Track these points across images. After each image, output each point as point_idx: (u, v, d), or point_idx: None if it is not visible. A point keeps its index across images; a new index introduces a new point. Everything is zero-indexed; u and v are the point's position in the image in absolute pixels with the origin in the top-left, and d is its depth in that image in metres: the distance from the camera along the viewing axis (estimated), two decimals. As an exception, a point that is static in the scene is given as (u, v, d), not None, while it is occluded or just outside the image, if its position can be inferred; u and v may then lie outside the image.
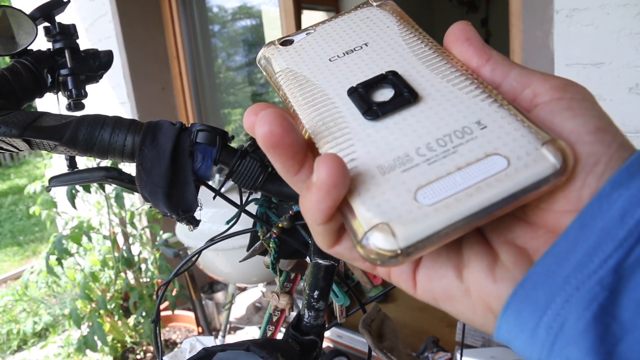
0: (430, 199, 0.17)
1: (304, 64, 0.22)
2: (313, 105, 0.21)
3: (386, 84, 0.20)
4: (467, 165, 0.17)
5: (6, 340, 2.33)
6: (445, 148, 0.18)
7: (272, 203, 0.51)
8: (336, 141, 0.19)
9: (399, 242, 0.16)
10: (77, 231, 1.82)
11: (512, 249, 0.18)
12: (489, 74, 0.20)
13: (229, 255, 1.49)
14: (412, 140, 0.18)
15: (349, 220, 0.18)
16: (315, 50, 0.23)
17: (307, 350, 0.43)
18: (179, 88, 2.33)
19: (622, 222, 0.16)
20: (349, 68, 0.21)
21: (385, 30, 0.23)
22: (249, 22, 3.07)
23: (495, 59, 0.20)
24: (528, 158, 0.17)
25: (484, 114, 0.18)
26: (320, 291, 0.45)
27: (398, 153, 0.18)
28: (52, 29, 0.50)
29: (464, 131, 0.18)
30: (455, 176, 0.17)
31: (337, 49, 0.23)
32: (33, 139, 0.41)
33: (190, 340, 1.01)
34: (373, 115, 0.19)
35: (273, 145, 0.18)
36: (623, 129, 0.94)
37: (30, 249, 4.08)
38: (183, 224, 0.44)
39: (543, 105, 0.19)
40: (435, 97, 0.19)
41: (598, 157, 0.17)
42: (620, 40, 1.06)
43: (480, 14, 5.12)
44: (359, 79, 0.21)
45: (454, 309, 0.19)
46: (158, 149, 0.41)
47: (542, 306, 0.16)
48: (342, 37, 0.23)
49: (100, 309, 1.85)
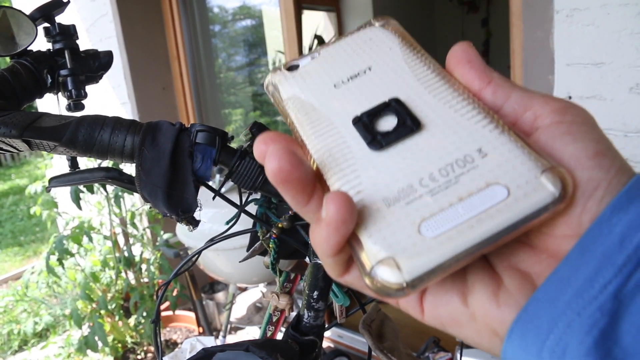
0: (434, 231, 0.17)
1: (309, 91, 0.23)
2: (320, 135, 0.21)
3: (389, 112, 0.20)
4: (469, 196, 0.18)
5: (7, 341, 2.34)
6: (448, 178, 0.18)
7: (271, 203, 0.51)
8: (343, 173, 0.20)
9: (404, 275, 0.17)
10: (78, 231, 1.82)
11: (516, 273, 0.19)
12: (490, 97, 0.21)
13: (230, 255, 1.49)
14: (415, 171, 0.19)
15: (357, 253, 0.18)
16: (320, 76, 0.23)
17: (307, 351, 0.43)
18: (179, 88, 2.33)
19: (622, 247, 0.16)
20: (354, 95, 0.22)
21: (388, 53, 0.23)
22: (250, 22, 3.07)
23: (497, 82, 0.21)
24: (528, 187, 0.17)
25: (485, 141, 0.19)
26: (319, 291, 0.45)
27: (402, 184, 0.19)
28: (52, 30, 0.50)
29: (466, 160, 0.19)
30: (457, 207, 0.18)
31: (341, 74, 0.23)
32: (32, 140, 0.41)
33: (190, 341, 1.01)
34: (377, 145, 0.20)
35: (282, 180, 0.18)
36: (624, 129, 0.93)
37: (31, 249, 4.08)
38: (183, 224, 0.44)
39: (544, 129, 0.19)
40: (437, 125, 0.20)
41: (598, 181, 0.17)
42: (621, 40, 1.06)
43: (480, 14, 5.11)
44: (363, 107, 0.21)
45: (460, 334, 0.19)
46: (158, 149, 0.41)
47: (545, 331, 0.16)
48: (346, 61, 0.23)
49: (101, 309, 1.85)
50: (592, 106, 1.13)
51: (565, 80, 1.16)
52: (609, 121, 1.11)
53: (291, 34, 1.88)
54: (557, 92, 1.18)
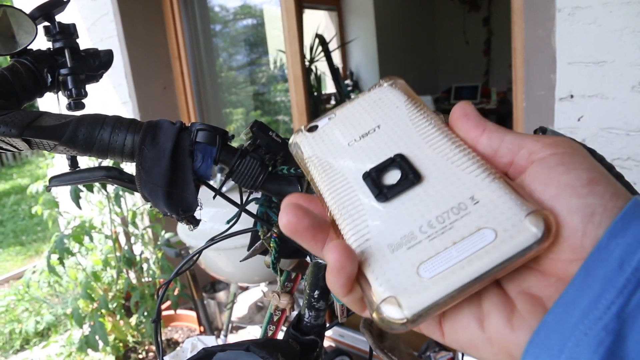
0: (430, 272, 0.20)
1: (327, 150, 0.26)
2: (334, 190, 0.24)
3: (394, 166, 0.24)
4: (462, 239, 0.20)
5: (9, 340, 2.34)
6: (444, 224, 0.21)
7: (272, 202, 0.51)
8: (354, 223, 0.23)
9: (404, 312, 0.19)
10: (79, 231, 1.82)
11: (527, 298, 0.20)
12: (486, 142, 0.23)
13: (231, 254, 1.49)
14: (416, 219, 0.22)
15: (366, 292, 0.21)
16: (335, 136, 0.27)
17: (308, 350, 0.43)
18: (180, 88, 2.33)
19: (621, 270, 0.17)
20: (364, 152, 0.25)
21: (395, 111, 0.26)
22: (250, 22, 3.07)
23: (490, 128, 0.23)
24: (513, 230, 0.20)
25: (477, 189, 0.21)
26: (320, 291, 0.45)
27: (404, 232, 0.21)
28: (52, 29, 0.49)
29: (460, 207, 0.21)
30: (451, 250, 0.20)
31: (354, 133, 0.26)
32: (33, 139, 0.41)
33: (192, 340, 1.01)
34: (383, 198, 0.23)
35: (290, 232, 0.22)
36: (625, 128, 0.93)
37: (33, 248, 4.09)
38: (183, 223, 0.44)
39: (539, 162, 0.21)
40: (436, 176, 0.23)
41: (593, 208, 0.19)
42: (623, 39, 1.05)
43: (481, 12, 5.10)
44: (372, 162, 0.24)
45: (479, 357, 0.21)
46: (158, 148, 0.41)
47: (556, 352, 0.17)
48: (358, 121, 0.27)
49: (102, 309, 1.85)
50: (594, 105, 1.13)
51: (567, 79, 1.15)
52: (611, 120, 1.11)
53: (292, 33, 1.88)
54: (559, 91, 1.17)
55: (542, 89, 1.21)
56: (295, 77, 1.93)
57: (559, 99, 1.18)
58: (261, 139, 0.43)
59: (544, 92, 1.21)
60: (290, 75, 1.93)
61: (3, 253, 4.07)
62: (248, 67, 3.05)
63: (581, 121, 1.16)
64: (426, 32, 5.28)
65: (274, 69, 3.14)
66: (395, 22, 4.71)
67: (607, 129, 1.12)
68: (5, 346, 2.32)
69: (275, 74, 3.15)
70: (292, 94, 1.97)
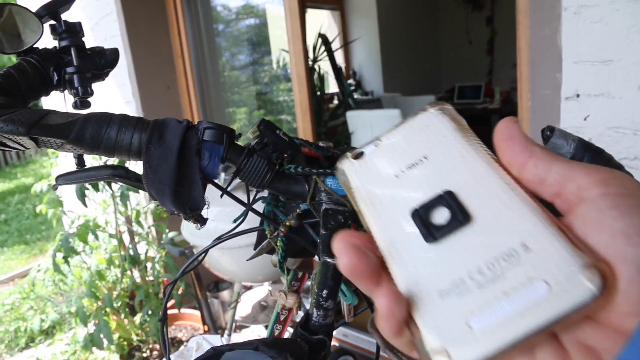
0: (480, 324, 0.19)
1: (374, 181, 0.26)
2: (383, 225, 0.24)
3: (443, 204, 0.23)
4: (513, 290, 0.19)
5: (14, 338, 2.35)
6: (494, 272, 0.20)
7: (279, 201, 0.51)
8: (403, 264, 0.22)
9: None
10: (84, 229, 1.83)
11: (583, 349, 0.19)
12: (533, 169, 0.22)
13: (235, 253, 1.49)
14: (465, 263, 0.21)
15: (415, 337, 0.21)
16: (383, 166, 0.26)
17: (316, 350, 0.43)
18: (183, 87, 2.33)
19: None
20: (412, 185, 0.25)
21: (443, 141, 0.26)
22: (253, 21, 3.07)
23: (538, 155, 0.22)
24: (567, 284, 0.19)
25: (528, 235, 0.21)
26: (329, 290, 0.44)
27: (454, 277, 0.21)
28: (58, 27, 0.49)
29: (511, 254, 0.20)
30: (502, 301, 0.20)
31: (401, 163, 0.26)
32: (40, 137, 0.41)
33: (196, 339, 1.01)
34: (432, 239, 0.22)
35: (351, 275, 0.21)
36: (633, 127, 0.92)
37: (37, 247, 4.10)
38: (190, 222, 0.43)
39: (590, 203, 0.20)
40: (485, 217, 0.22)
41: None
42: (630, 37, 1.05)
43: (485, 12, 5.09)
44: (420, 198, 0.24)
45: None
46: (165, 146, 0.41)
47: None
48: (405, 150, 0.26)
49: (107, 307, 1.86)
50: (600, 104, 1.12)
51: (573, 78, 1.15)
52: (618, 119, 1.10)
53: (295, 33, 1.88)
54: (564, 90, 1.17)
55: (547, 88, 1.21)
56: (299, 77, 1.92)
57: (565, 98, 1.17)
58: (268, 138, 0.43)
59: (549, 92, 1.20)
60: (294, 74, 1.93)
61: (8, 252, 4.09)
62: (251, 67, 3.06)
63: (587, 120, 1.15)
64: (429, 31, 5.27)
65: (276, 68, 3.15)
66: (398, 21, 4.71)
67: (614, 129, 1.11)
68: (10, 344, 2.33)
69: (277, 73, 3.15)
70: (296, 93, 1.96)
